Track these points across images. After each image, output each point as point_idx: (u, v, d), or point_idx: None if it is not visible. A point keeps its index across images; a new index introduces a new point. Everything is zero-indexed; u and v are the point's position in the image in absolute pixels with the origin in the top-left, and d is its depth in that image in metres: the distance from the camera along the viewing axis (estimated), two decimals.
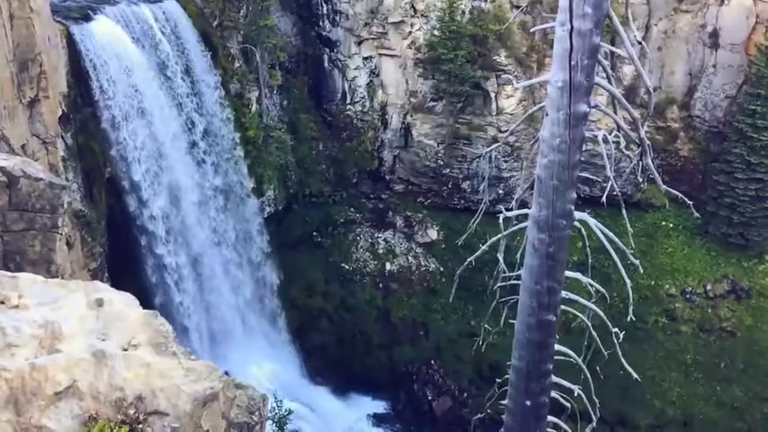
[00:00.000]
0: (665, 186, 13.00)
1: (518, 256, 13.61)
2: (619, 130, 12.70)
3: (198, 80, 33.77)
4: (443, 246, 43.38)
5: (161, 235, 31.51)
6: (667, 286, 41.60)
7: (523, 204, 14.36)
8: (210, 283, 35.58)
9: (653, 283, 41.39)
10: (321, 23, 42.41)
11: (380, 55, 42.64)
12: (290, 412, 26.66)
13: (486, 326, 16.97)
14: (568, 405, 15.10)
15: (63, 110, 25.56)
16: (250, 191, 38.05)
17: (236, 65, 37.91)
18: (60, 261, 15.24)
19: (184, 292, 33.28)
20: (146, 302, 10.38)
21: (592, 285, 14.33)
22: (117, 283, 13.15)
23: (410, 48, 41.73)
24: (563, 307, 13.67)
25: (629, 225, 14.66)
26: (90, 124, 27.74)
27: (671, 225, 43.22)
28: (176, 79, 32.23)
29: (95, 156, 28.19)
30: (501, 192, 42.98)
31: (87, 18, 27.58)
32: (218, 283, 36.19)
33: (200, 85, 33.99)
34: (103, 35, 27.47)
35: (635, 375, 15.00)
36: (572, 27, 10.61)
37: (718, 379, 39.81)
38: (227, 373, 9.04)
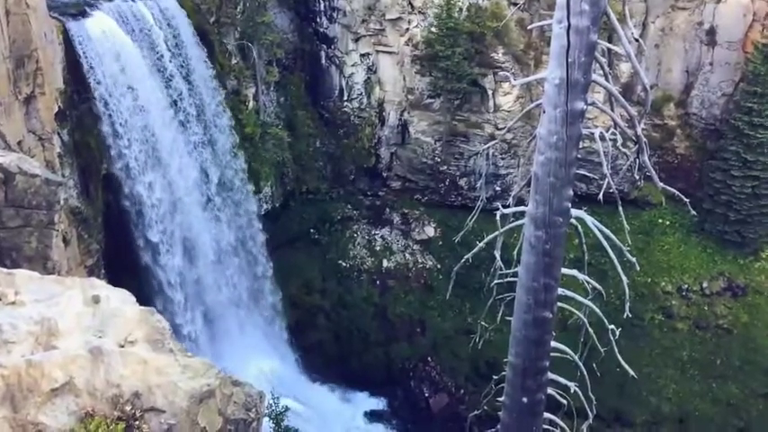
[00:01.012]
0: (661, 184, 13.02)
1: (515, 253, 13.63)
2: (616, 128, 12.72)
3: (210, 124, 33.89)
4: (440, 243, 43.40)
5: (180, 301, 31.98)
6: (664, 283, 41.69)
7: (520, 202, 14.36)
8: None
9: (649, 280, 41.48)
10: (318, 20, 42.32)
11: (378, 52, 42.57)
12: (286, 409, 26.67)
13: (482, 323, 17.02)
14: (565, 402, 15.15)
15: (59, 106, 25.47)
16: (263, 245, 38.35)
17: (233, 61, 37.82)
18: (57, 258, 15.22)
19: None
20: (141, 298, 10.36)
21: (588, 282, 14.37)
22: (114, 280, 13.13)
23: (407, 45, 41.68)
24: (559, 304, 13.70)
25: (625, 222, 14.70)
26: (86, 121, 27.67)
27: (667, 222, 43.29)
28: (191, 124, 32.49)
29: (92, 152, 28.11)
30: (498, 189, 43.00)
31: (84, 14, 27.47)
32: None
33: (212, 130, 34.14)
34: (101, 36, 27.32)
35: (631, 372, 15.05)
36: (569, 24, 10.62)
37: (713, 376, 39.94)
38: (223, 370, 9.04)
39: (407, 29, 41.40)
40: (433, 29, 40.19)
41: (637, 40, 12.10)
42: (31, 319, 8.64)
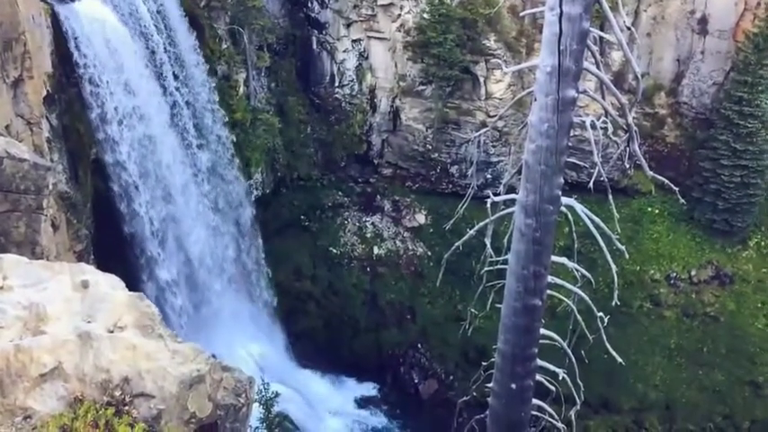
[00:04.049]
0: (651, 172, 13.07)
1: (505, 240, 13.67)
2: (606, 116, 12.75)
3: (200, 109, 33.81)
4: (431, 230, 43.45)
5: (168, 286, 32.05)
6: (652, 271, 41.96)
7: (511, 189, 14.38)
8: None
9: (638, 268, 41.72)
10: (309, 5, 42.04)
11: (369, 38, 42.36)
12: (276, 395, 26.75)
13: (472, 310, 17.10)
14: (553, 388, 15.26)
15: (48, 90, 25.19)
16: (254, 231, 38.39)
17: (224, 46, 37.53)
18: (45, 243, 15.15)
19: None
20: (131, 284, 10.33)
21: (578, 270, 14.44)
22: (103, 266, 13.07)
23: (399, 31, 41.48)
24: (549, 291, 13.77)
25: (615, 211, 14.76)
26: (75, 105, 27.42)
27: (657, 211, 43.51)
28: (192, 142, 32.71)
29: (81, 137, 27.87)
30: (489, 177, 43.04)
31: None
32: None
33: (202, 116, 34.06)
34: (90, 19, 26.96)
35: (619, 359, 15.18)
36: (561, 12, 10.59)
37: (700, 363, 40.32)
38: (213, 356, 9.04)
39: (399, 15, 41.19)
40: (426, 15, 40.01)
41: (629, 29, 12.08)
42: (19, 303, 8.61)
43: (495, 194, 13.98)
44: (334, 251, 42.68)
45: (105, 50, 27.39)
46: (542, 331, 14.07)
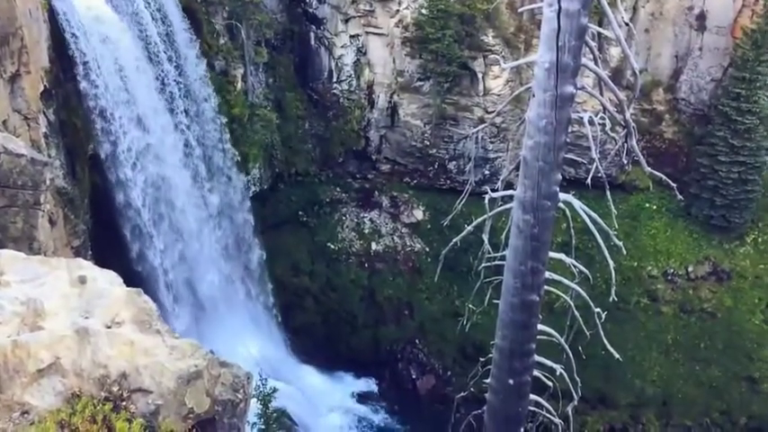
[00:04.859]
0: (649, 168, 13.10)
1: (503, 236, 13.69)
2: (605, 112, 12.75)
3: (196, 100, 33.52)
4: (429, 226, 43.47)
5: (166, 282, 31.80)
6: (650, 268, 42.01)
7: (509, 185, 14.41)
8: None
9: (635, 264, 41.79)
10: (307, 0, 41.93)
11: (367, 33, 42.26)
12: (274, 390, 26.76)
13: (470, 306, 17.14)
14: (550, 384, 15.30)
15: (45, 85, 25.12)
16: (251, 227, 38.22)
17: (221, 41, 37.44)
18: (43, 238, 15.13)
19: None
20: (129, 280, 10.31)
21: (575, 266, 14.46)
22: (101, 262, 13.06)
23: (397, 26, 41.40)
24: (546, 287, 13.79)
25: (612, 207, 14.77)
26: (72, 100, 27.34)
27: (654, 207, 43.56)
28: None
29: (78, 132, 27.79)
30: (487, 173, 43.04)
31: None
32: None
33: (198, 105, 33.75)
34: (87, 13, 26.75)
35: (616, 355, 15.23)
36: (560, 8, 10.59)
37: (697, 359, 40.43)
38: (211, 352, 9.05)
39: (398, 10, 41.10)
40: (424, 10, 39.93)
41: (627, 25, 12.08)
42: (16, 299, 8.60)
43: (493, 190, 14.01)
44: (332, 247, 42.67)
45: (102, 44, 27.22)
46: (540, 327, 14.10)
